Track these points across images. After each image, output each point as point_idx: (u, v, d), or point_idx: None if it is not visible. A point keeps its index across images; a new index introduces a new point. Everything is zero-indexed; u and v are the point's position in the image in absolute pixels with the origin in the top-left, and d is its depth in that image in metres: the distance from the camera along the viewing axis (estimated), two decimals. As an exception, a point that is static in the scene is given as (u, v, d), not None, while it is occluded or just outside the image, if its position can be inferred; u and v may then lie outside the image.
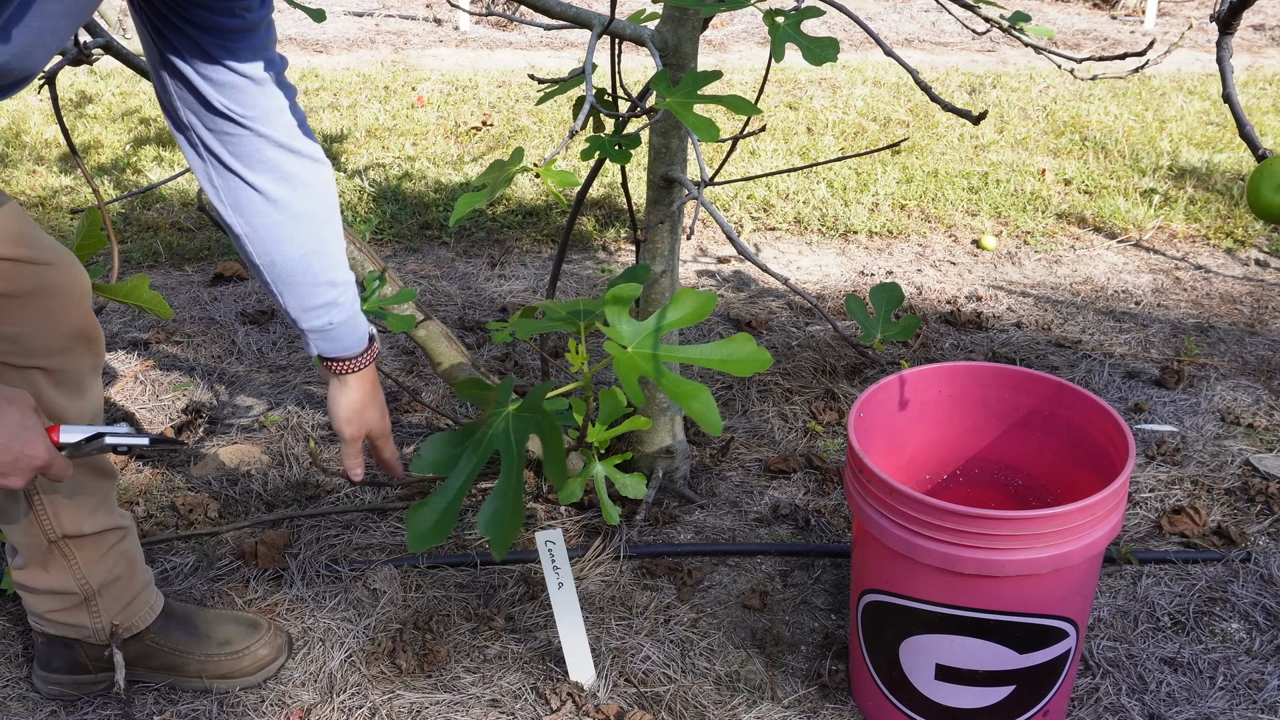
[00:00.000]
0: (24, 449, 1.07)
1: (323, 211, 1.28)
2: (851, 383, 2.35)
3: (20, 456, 1.07)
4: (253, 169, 1.22)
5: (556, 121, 4.21)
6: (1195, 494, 1.97)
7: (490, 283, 2.89)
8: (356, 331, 1.35)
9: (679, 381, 1.06)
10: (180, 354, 2.51)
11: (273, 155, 1.22)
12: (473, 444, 1.13)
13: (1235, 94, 1.26)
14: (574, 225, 2.36)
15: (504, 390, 1.17)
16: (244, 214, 1.25)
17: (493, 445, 1.13)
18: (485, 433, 1.14)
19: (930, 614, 1.31)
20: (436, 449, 1.14)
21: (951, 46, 5.76)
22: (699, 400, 1.04)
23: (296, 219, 1.26)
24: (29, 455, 1.08)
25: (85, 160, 3.76)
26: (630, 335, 1.11)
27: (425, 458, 1.14)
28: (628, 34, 1.54)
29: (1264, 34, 5.99)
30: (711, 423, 1.02)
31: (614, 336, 1.11)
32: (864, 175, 3.62)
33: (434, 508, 1.11)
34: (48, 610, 1.48)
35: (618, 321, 1.13)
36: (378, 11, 6.41)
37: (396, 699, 1.53)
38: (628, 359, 1.09)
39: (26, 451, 1.08)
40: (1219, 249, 3.09)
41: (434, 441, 1.14)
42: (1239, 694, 1.53)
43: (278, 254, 1.27)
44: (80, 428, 1.19)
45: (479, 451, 1.13)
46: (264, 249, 1.26)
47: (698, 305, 1.13)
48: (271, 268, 1.28)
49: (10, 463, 1.07)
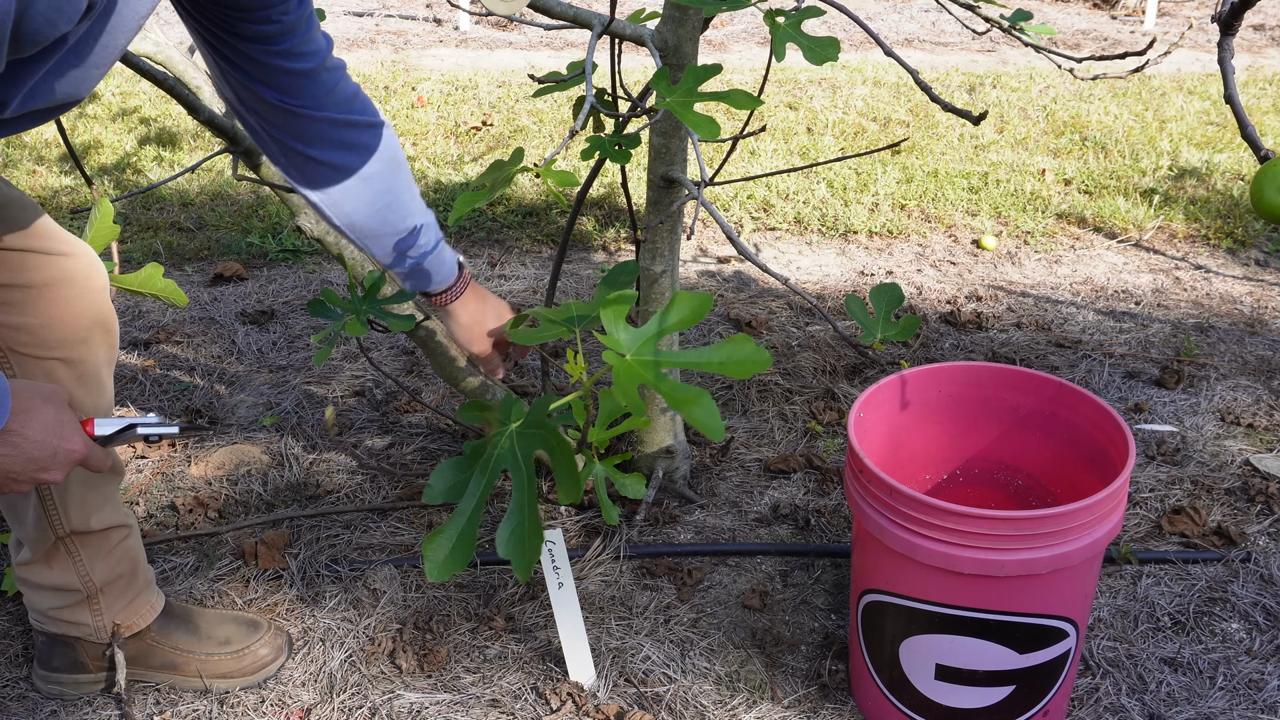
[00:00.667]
0: (62, 443, 1.11)
1: (388, 168, 1.38)
2: (851, 383, 2.35)
3: (59, 451, 1.10)
4: (316, 147, 1.31)
5: (556, 121, 4.21)
6: (1195, 494, 1.97)
7: (490, 283, 2.89)
8: (444, 266, 1.47)
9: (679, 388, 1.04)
10: (180, 354, 2.51)
11: (332, 132, 1.31)
12: (480, 465, 1.12)
13: (1237, 95, 1.26)
14: (574, 225, 2.36)
15: (505, 409, 1.16)
16: (318, 186, 1.35)
17: (501, 465, 1.12)
18: (492, 453, 1.13)
19: (930, 614, 1.31)
20: (445, 476, 1.13)
21: (951, 46, 5.76)
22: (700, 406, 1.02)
23: (365, 180, 1.36)
24: (67, 449, 1.11)
25: (85, 160, 3.76)
26: (628, 342, 1.09)
27: (435, 486, 1.13)
28: (628, 34, 1.54)
29: (1264, 34, 5.99)
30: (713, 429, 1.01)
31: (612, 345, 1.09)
32: (864, 175, 3.62)
33: (449, 535, 1.10)
34: (50, 607, 1.48)
35: (615, 329, 1.11)
36: (378, 11, 6.41)
37: (396, 699, 1.53)
38: (627, 367, 1.07)
39: (65, 446, 1.11)
40: (1219, 249, 3.09)
41: (443, 469, 1.13)
42: (1239, 694, 1.53)
43: (355, 214, 1.38)
44: (113, 420, 1.22)
45: (487, 473, 1.12)
46: (342, 212, 1.38)
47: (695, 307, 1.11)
48: (352, 228, 1.40)
49: (50, 457, 1.10)
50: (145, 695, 1.55)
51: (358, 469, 2.07)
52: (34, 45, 0.89)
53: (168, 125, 4.14)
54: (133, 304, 2.75)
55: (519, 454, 1.12)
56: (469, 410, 1.23)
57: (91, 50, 0.98)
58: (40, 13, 0.86)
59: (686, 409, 1.02)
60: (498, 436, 1.14)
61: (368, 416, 2.24)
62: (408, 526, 1.90)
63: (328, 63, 1.27)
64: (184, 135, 4.02)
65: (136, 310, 2.72)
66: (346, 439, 2.13)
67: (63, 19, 0.89)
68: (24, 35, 0.87)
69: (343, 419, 2.23)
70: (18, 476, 1.09)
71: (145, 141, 3.97)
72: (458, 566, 1.09)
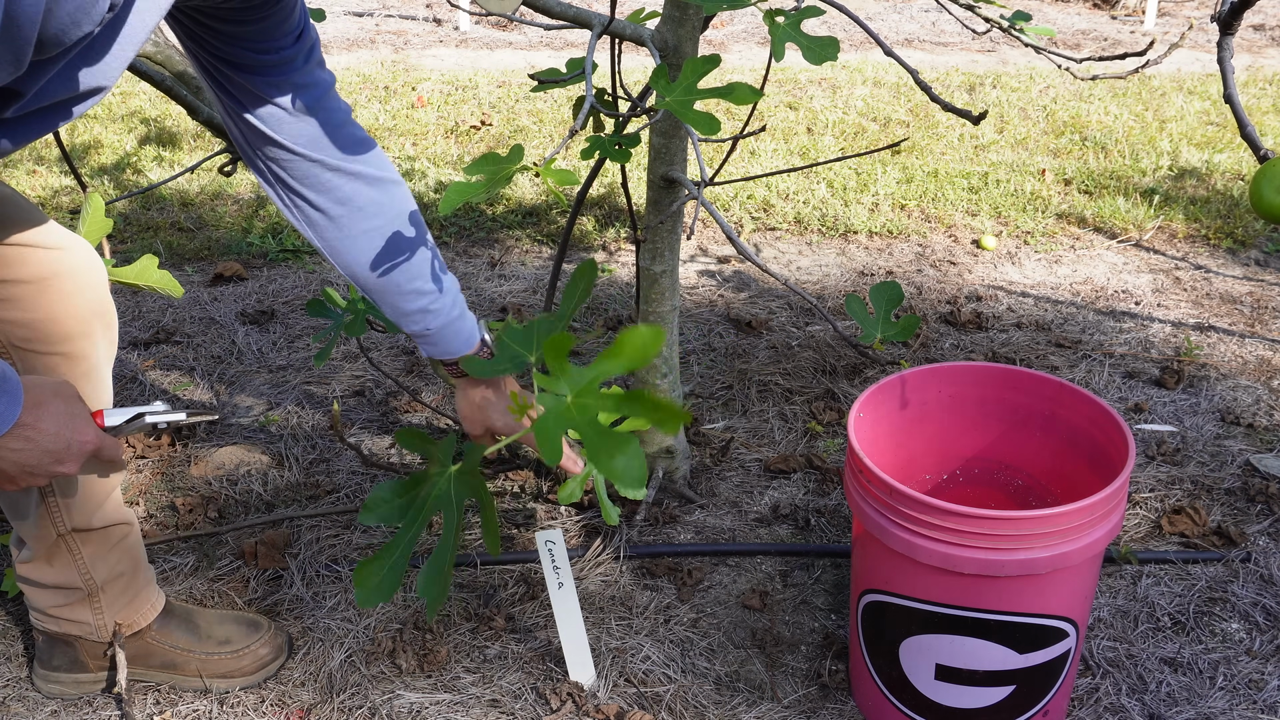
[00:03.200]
0: (75, 435, 1.12)
1: (392, 227, 1.33)
2: (851, 383, 2.35)
3: (72, 443, 1.12)
4: (313, 190, 1.29)
5: (556, 121, 4.21)
6: (1195, 494, 1.97)
7: (490, 283, 2.89)
8: (460, 336, 1.40)
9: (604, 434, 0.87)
10: (180, 354, 2.51)
11: (328, 179, 1.28)
12: (416, 506, 1.11)
13: (1236, 94, 1.26)
14: (574, 225, 2.36)
15: (444, 450, 1.13)
16: (315, 230, 1.32)
17: (435, 508, 1.11)
18: (429, 493, 1.11)
19: (930, 614, 1.31)
20: (382, 499, 1.11)
21: (951, 46, 5.76)
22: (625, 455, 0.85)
23: (363, 235, 1.31)
24: (80, 441, 1.13)
25: (85, 160, 3.76)
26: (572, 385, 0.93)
27: (372, 509, 1.11)
28: (628, 34, 1.54)
29: (1264, 34, 5.99)
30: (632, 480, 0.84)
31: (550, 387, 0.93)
32: (864, 175, 3.62)
33: (380, 566, 1.10)
34: (50, 606, 1.48)
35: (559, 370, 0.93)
36: (378, 11, 6.41)
37: (396, 699, 1.53)
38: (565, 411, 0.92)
39: (77, 438, 1.12)
40: (1219, 249, 3.09)
41: (381, 490, 1.11)
42: (1239, 694, 1.53)
43: (354, 265, 1.34)
44: (122, 409, 1.24)
45: (422, 513, 1.10)
46: (342, 261, 1.34)
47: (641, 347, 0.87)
48: (354, 278, 1.36)
49: (64, 449, 1.11)
50: (145, 695, 1.55)
51: (358, 469, 2.07)
52: (57, 47, 0.90)
53: (168, 125, 4.14)
54: (133, 304, 2.75)
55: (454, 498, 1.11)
56: (407, 438, 1.16)
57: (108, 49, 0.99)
58: (67, 13, 0.87)
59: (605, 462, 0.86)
60: (436, 477, 1.12)
61: (368, 416, 2.24)
62: (408, 526, 1.90)
63: (329, 102, 1.25)
64: (184, 135, 4.02)
65: (136, 310, 2.72)
66: (346, 439, 2.13)
67: (87, 19, 0.89)
68: (48, 38, 0.88)
69: (344, 418, 2.23)
70: (34, 470, 1.11)
71: (145, 141, 3.97)
72: (385, 596, 1.08)
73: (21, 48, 0.86)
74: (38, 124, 1.02)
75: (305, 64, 1.22)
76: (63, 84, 0.98)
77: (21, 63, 0.88)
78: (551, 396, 0.91)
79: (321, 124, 1.25)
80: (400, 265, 1.34)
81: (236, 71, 1.19)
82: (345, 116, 1.28)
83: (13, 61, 0.87)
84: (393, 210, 1.33)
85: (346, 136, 1.28)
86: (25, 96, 0.96)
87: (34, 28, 0.85)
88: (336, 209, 1.30)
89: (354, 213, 1.30)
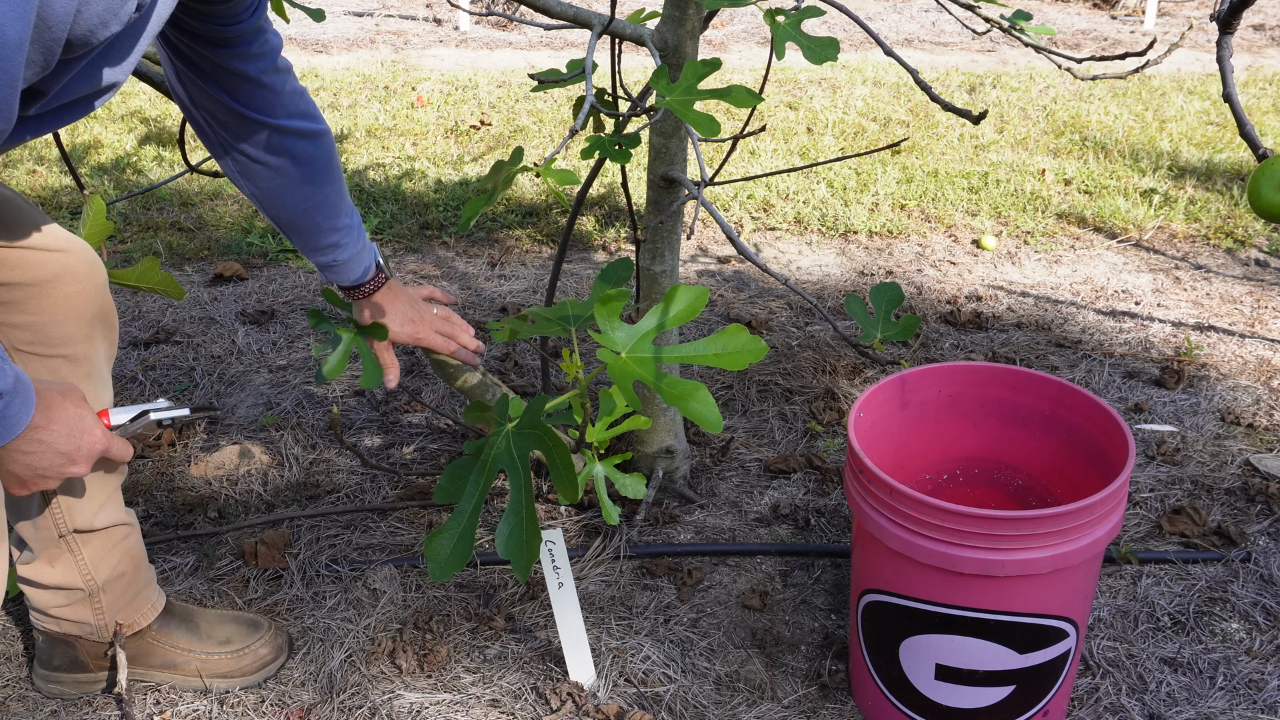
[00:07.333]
0: (84, 437, 1.15)
1: (324, 173, 1.44)
2: (851, 383, 2.35)
3: (81, 444, 1.14)
4: (258, 147, 1.37)
5: (556, 121, 4.21)
6: (1195, 494, 1.97)
7: (490, 283, 2.89)
8: (361, 264, 1.54)
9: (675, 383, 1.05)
10: (180, 354, 2.51)
11: (275, 138, 1.37)
12: (478, 466, 1.13)
13: (1235, 94, 1.26)
14: (574, 225, 2.36)
15: (501, 408, 1.16)
16: (252, 180, 1.41)
17: (498, 465, 1.13)
18: (489, 453, 1.13)
19: (930, 614, 1.31)
20: (452, 478, 1.16)
21: (951, 46, 5.76)
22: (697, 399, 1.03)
23: (299, 182, 1.42)
24: (90, 442, 1.15)
25: (85, 160, 3.76)
26: (623, 340, 1.09)
27: (444, 487, 1.16)
28: (628, 34, 1.54)
29: (1264, 34, 5.99)
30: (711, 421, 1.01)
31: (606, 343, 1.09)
32: (864, 175, 3.62)
33: (450, 535, 1.11)
34: (51, 606, 1.48)
35: (609, 327, 1.11)
36: (378, 11, 6.41)
37: (396, 699, 1.53)
38: (621, 365, 1.07)
39: (87, 439, 1.15)
40: (1219, 249, 3.09)
41: (451, 470, 1.16)
42: (1239, 694, 1.53)
43: (284, 209, 1.45)
44: (127, 408, 1.27)
45: (485, 474, 1.13)
46: (270, 206, 1.45)
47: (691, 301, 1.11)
48: (278, 220, 1.47)
49: (74, 450, 1.14)
50: (145, 695, 1.55)
51: (358, 469, 2.07)
52: (84, 47, 0.91)
53: (168, 125, 4.14)
54: (133, 304, 2.75)
55: (515, 454, 1.13)
56: (472, 413, 1.24)
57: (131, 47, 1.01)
58: (96, 14, 0.88)
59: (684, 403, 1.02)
60: (494, 436, 1.14)
61: (368, 416, 2.25)
62: (407, 526, 1.90)
63: (279, 64, 1.33)
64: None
65: (137, 310, 2.72)
66: (346, 439, 2.13)
67: (115, 20, 0.91)
68: (76, 38, 0.89)
69: (342, 419, 2.23)
70: (46, 473, 1.13)
71: (145, 141, 3.97)
72: (458, 566, 1.10)
73: (51, 48, 0.87)
74: (60, 118, 1.04)
75: (262, 34, 1.29)
76: (84, 81, 1.00)
77: (50, 63, 0.89)
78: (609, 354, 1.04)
79: (276, 86, 1.33)
80: (324, 205, 1.46)
81: (202, 44, 1.25)
82: (290, 72, 1.37)
83: (42, 62, 0.88)
84: (324, 157, 1.43)
85: (293, 88, 1.37)
86: (48, 95, 0.98)
87: (64, 29, 0.86)
88: (277, 160, 1.39)
89: (292, 163, 1.40)
